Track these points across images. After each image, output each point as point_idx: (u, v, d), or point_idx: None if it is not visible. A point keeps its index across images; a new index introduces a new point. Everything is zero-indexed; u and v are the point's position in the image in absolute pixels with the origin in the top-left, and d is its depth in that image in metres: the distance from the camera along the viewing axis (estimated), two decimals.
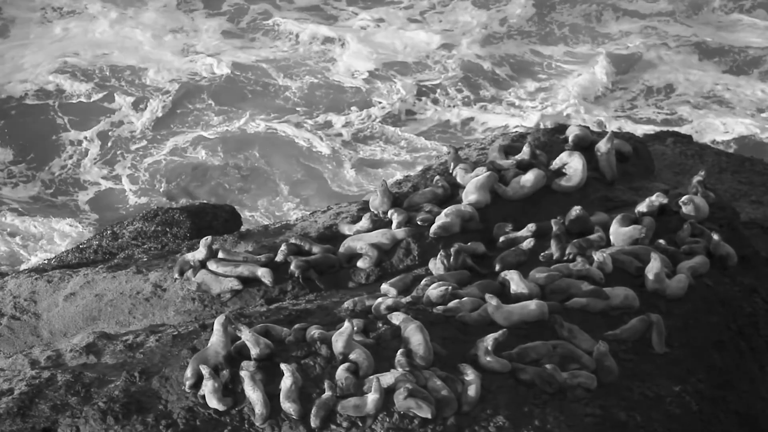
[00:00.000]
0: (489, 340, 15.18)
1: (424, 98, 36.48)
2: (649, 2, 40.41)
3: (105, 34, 40.64)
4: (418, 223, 18.43)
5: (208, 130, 35.86)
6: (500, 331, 15.24)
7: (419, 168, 23.20)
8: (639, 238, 17.68)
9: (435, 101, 36.22)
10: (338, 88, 37.31)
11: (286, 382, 14.65)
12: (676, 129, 28.59)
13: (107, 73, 38.66)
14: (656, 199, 18.30)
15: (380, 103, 36.33)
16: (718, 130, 34.23)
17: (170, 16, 41.44)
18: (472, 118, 35.15)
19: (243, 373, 14.88)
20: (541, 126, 30.44)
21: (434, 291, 16.39)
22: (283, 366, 14.75)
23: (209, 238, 18.41)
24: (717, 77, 37.04)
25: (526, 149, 19.55)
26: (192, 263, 18.30)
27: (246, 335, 15.15)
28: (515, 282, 16.45)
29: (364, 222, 18.66)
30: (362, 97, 36.94)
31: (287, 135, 35.46)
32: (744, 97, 36.04)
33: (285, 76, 37.97)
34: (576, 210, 18.16)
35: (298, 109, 36.65)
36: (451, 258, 17.38)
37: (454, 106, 35.68)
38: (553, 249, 17.54)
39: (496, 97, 36.22)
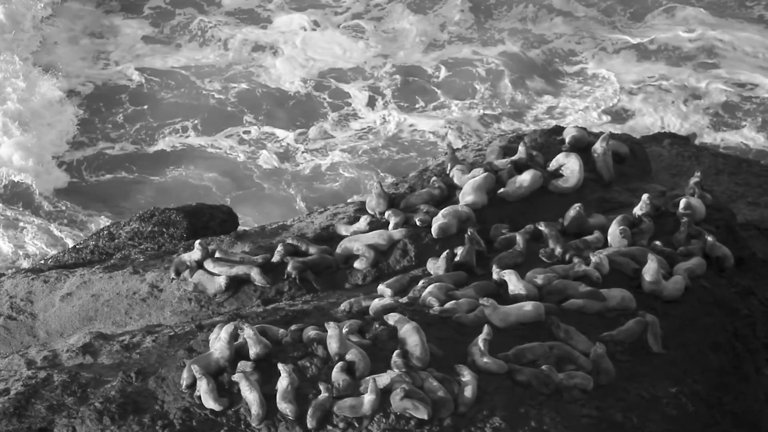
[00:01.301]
0: (480, 342, 15.17)
1: (364, 105, 35.79)
2: (584, 5, 40.41)
3: None
4: (417, 224, 18.43)
5: (120, 144, 34.45)
6: (486, 331, 15.23)
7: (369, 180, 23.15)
8: (621, 235, 17.70)
9: (375, 107, 35.61)
10: (275, 97, 36.42)
11: (282, 383, 14.65)
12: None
13: None
14: (644, 205, 18.34)
15: (323, 110, 35.54)
16: (656, 125, 34.30)
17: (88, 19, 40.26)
18: (412, 124, 34.88)
19: (239, 374, 14.87)
20: (499, 132, 30.69)
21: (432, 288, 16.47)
22: (280, 366, 14.74)
23: (201, 240, 18.43)
24: (655, 72, 37.16)
25: (521, 150, 19.56)
26: (188, 263, 18.30)
27: (248, 332, 15.14)
28: (513, 283, 16.45)
29: (362, 223, 18.66)
30: (303, 105, 36.19)
31: (220, 148, 34.36)
32: (678, 90, 36.20)
33: (215, 83, 37.02)
34: (575, 208, 18.17)
35: (231, 118, 35.59)
36: (466, 243, 17.54)
37: (392, 112, 35.26)
38: (552, 245, 17.56)
39: (438, 101, 35.94)
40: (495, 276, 16.83)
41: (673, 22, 39.87)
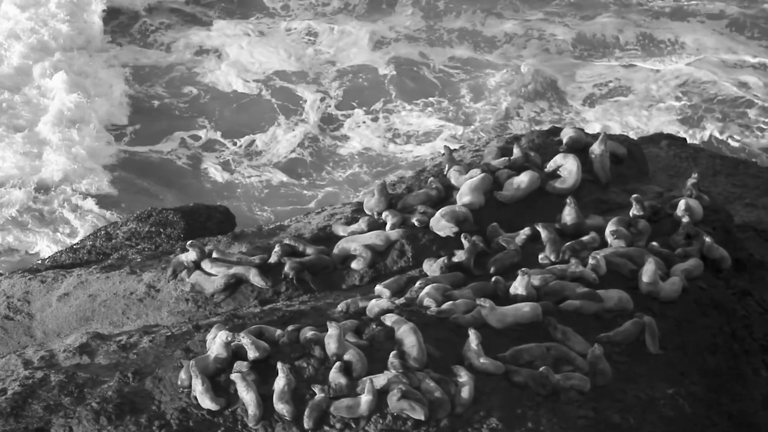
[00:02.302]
0: (473, 344, 15.17)
1: (316, 110, 35.64)
2: (533, 9, 40.47)
3: None
4: (414, 224, 18.44)
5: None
6: (473, 333, 15.23)
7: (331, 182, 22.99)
8: (614, 236, 17.71)
9: (327, 112, 35.41)
10: (225, 99, 36.24)
11: (279, 383, 14.65)
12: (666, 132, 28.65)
13: None
14: (635, 205, 18.37)
15: (276, 117, 35.21)
16: (612, 123, 34.46)
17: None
18: (362, 124, 34.85)
19: (236, 374, 14.88)
20: (470, 133, 30.72)
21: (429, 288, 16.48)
22: (279, 365, 14.74)
23: (193, 241, 18.44)
24: (607, 73, 37.23)
25: (516, 151, 19.56)
26: (186, 264, 18.29)
27: (245, 341, 15.15)
28: (523, 283, 16.38)
29: (361, 224, 18.67)
30: (252, 109, 36.06)
31: (171, 155, 33.85)
32: (633, 89, 36.32)
33: (159, 87, 36.84)
34: (570, 204, 18.18)
35: (181, 126, 35.15)
36: (466, 244, 17.56)
37: (344, 117, 35.16)
38: (548, 249, 17.56)
39: (391, 104, 35.85)
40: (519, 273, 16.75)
41: (624, 21, 40.03)
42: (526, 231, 17.99)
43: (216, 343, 15.23)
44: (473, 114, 35.35)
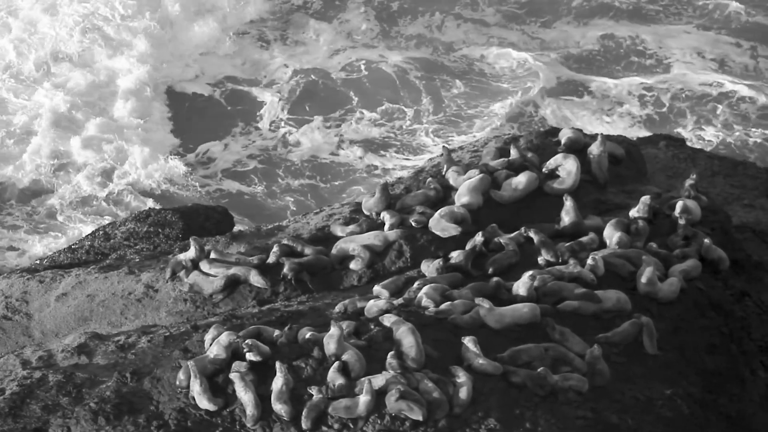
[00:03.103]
0: (470, 345, 15.17)
1: (271, 113, 35.65)
2: (491, 14, 40.46)
3: None
4: (413, 224, 18.44)
5: None
6: (468, 340, 15.25)
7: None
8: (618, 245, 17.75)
9: (280, 116, 35.37)
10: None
11: (277, 383, 14.65)
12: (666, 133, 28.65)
13: None
14: (642, 206, 18.38)
15: (230, 123, 35.20)
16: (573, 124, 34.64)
17: None
18: (318, 128, 34.87)
19: (234, 374, 14.88)
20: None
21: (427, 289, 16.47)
22: (277, 365, 14.74)
23: (195, 238, 18.43)
24: (570, 77, 37.32)
25: (513, 152, 19.57)
26: (184, 264, 18.29)
27: (248, 351, 15.15)
28: (525, 286, 16.39)
29: (362, 226, 18.70)
30: (210, 113, 36.16)
31: None
32: (599, 93, 36.44)
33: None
34: (567, 200, 18.21)
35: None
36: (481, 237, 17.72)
37: (297, 123, 35.14)
38: (545, 254, 17.55)
39: (344, 107, 35.88)
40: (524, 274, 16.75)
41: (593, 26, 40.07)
42: (523, 232, 17.98)
43: (215, 343, 15.23)
44: (426, 118, 35.42)
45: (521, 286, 16.42)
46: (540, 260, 17.49)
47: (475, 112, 35.67)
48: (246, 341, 15.16)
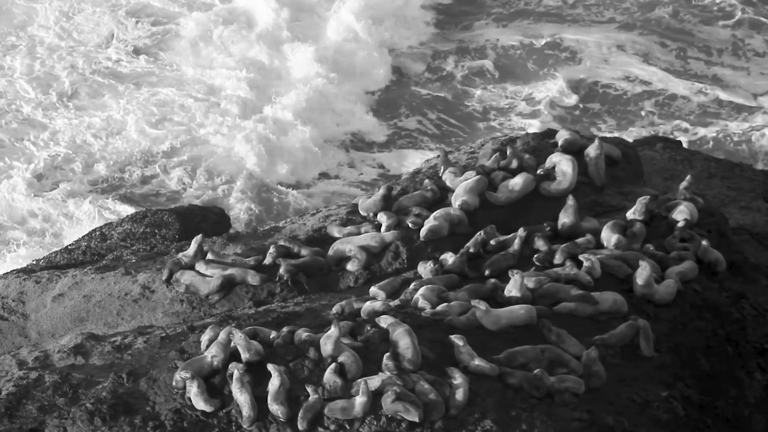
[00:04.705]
0: (460, 343, 15.17)
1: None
2: (427, 22, 40.65)
3: None
4: (409, 225, 18.44)
5: None
6: (456, 338, 15.25)
7: None
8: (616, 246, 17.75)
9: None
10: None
11: (273, 384, 14.64)
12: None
13: None
14: (639, 208, 18.39)
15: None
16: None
17: None
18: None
19: (231, 375, 14.87)
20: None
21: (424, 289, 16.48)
22: (270, 367, 14.73)
23: (200, 237, 18.42)
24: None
25: (509, 153, 19.57)
26: (182, 263, 18.29)
27: (238, 339, 15.13)
28: (516, 285, 16.38)
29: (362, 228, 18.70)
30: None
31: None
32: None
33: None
34: (569, 200, 18.23)
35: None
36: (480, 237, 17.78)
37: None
38: (542, 249, 17.60)
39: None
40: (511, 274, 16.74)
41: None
42: (520, 233, 17.97)
43: (212, 344, 15.23)
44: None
45: (512, 286, 16.42)
46: (537, 262, 17.50)
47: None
48: (238, 332, 15.17)
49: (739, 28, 39.76)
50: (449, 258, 17.52)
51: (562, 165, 19.20)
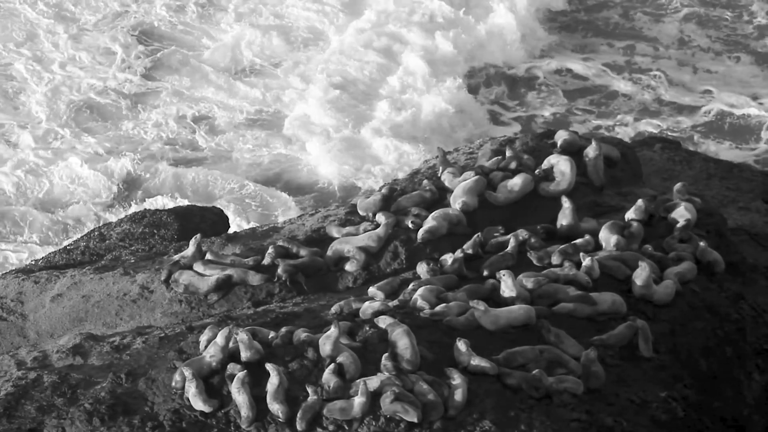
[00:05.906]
0: (463, 348, 15.17)
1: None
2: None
3: None
4: (409, 225, 18.44)
5: None
6: (460, 342, 15.26)
7: None
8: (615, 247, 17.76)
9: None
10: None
11: (272, 383, 14.64)
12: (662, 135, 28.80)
13: None
14: (637, 209, 18.41)
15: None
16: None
17: None
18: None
19: (229, 376, 14.87)
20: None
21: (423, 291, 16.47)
22: (269, 366, 14.73)
23: (198, 237, 18.42)
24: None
25: (508, 154, 19.58)
26: (181, 263, 18.28)
27: (242, 337, 15.13)
28: (508, 285, 16.41)
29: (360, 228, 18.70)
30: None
31: None
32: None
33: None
34: (566, 203, 18.23)
35: None
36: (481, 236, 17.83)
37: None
38: (541, 251, 17.62)
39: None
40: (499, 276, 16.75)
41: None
42: (522, 233, 17.97)
43: (211, 344, 15.23)
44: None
45: (505, 287, 16.42)
46: (535, 262, 17.51)
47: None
48: (240, 330, 15.18)
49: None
50: (448, 258, 17.53)
51: (561, 165, 19.21)
